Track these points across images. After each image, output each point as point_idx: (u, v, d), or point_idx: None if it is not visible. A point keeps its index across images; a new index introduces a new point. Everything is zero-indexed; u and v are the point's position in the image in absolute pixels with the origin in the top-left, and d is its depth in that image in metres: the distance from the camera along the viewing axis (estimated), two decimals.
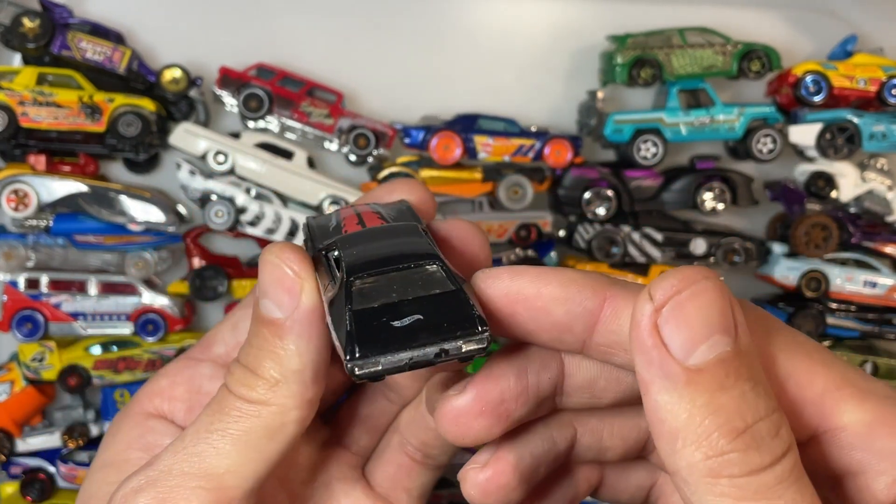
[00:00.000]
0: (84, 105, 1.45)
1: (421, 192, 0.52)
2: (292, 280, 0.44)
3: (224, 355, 0.54)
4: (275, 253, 0.45)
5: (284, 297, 0.44)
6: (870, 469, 0.37)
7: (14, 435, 1.51)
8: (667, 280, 0.38)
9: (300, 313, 0.44)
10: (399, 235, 0.45)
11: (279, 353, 0.44)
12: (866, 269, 1.63)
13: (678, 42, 1.58)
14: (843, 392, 0.37)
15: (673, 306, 0.37)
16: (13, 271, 1.49)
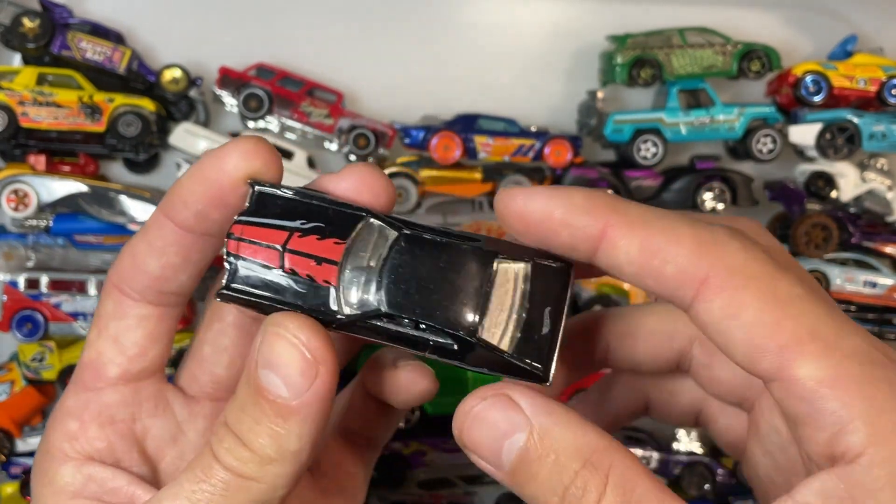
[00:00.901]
0: (84, 105, 1.45)
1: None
2: (308, 364, 0.41)
3: (122, 375, 0.49)
4: (291, 330, 0.41)
5: (297, 378, 0.41)
6: (812, 423, 0.38)
7: (14, 435, 1.51)
8: (455, 420, 0.44)
9: (311, 398, 0.41)
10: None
11: (278, 431, 0.41)
12: (866, 269, 1.63)
13: (678, 42, 1.58)
14: (804, 347, 0.38)
15: (468, 440, 0.43)
16: (13, 271, 1.49)
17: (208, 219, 0.46)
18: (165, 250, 0.47)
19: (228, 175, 0.44)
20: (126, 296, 0.48)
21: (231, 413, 0.43)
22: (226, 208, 0.45)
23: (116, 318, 0.48)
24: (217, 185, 0.44)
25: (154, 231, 0.47)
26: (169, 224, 0.46)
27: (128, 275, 0.48)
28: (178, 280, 0.48)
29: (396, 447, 1.61)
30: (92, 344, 0.49)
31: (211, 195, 0.45)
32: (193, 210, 0.45)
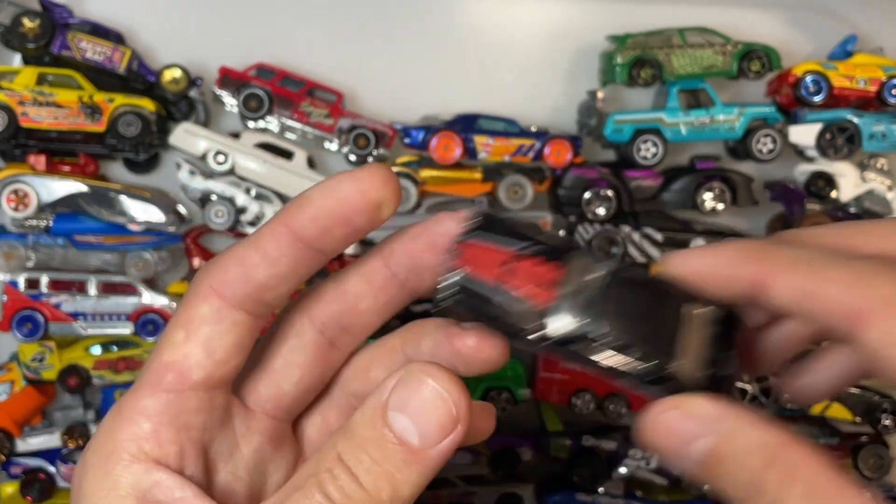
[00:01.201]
0: (84, 105, 1.45)
1: (376, 179, 0.46)
2: (450, 419, 0.41)
3: (204, 381, 0.48)
4: (442, 382, 0.41)
5: (434, 430, 0.41)
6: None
7: (14, 435, 1.51)
8: (641, 423, 0.45)
9: (439, 453, 0.41)
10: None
11: (397, 476, 0.41)
12: None
13: (678, 42, 1.58)
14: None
15: (653, 439, 0.45)
16: (13, 271, 1.49)
17: (330, 235, 0.46)
18: (279, 260, 0.47)
19: (364, 195, 0.45)
20: (225, 301, 0.47)
21: (348, 449, 0.42)
22: (349, 228, 0.46)
23: (212, 322, 0.47)
24: (350, 203, 0.45)
25: (270, 241, 0.47)
26: (288, 235, 0.47)
27: (232, 281, 0.47)
28: (279, 291, 0.48)
29: None
30: (178, 346, 0.47)
31: (341, 212, 0.46)
32: (320, 224, 0.46)
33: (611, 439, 1.64)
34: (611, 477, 1.64)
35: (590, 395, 1.62)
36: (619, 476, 1.64)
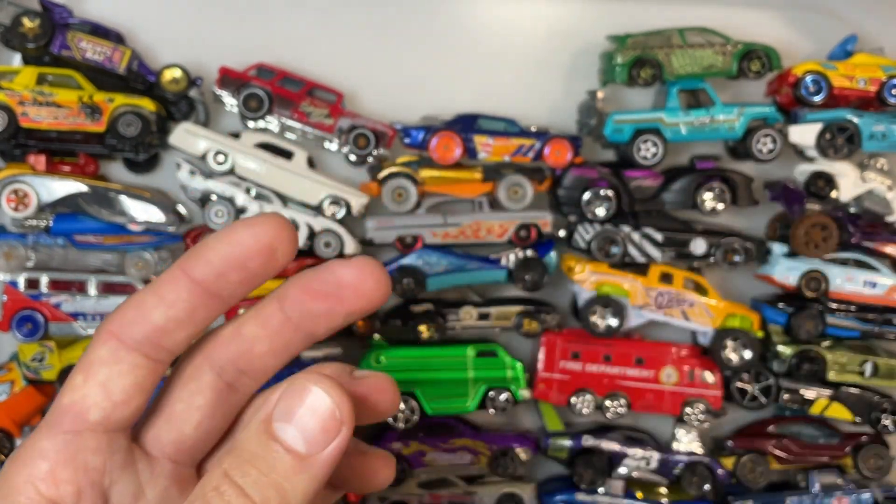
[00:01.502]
0: (84, 105, 1.45)
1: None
2: (334, 422, 0.41)
3: (102, 422, 0.48)
4: (324, 386, 0.42)
5: (318, 434, 0.41)
6: None
7: (14, 435, 1.51)
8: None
9: (326, 457, 0.41)
10: None
11: (285, 486, 0.41)
12: (866, 269, 1.63)
13: (678, 42, 1.58)
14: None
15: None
16: (13, 271, 1.49)
17: (226, 280, 0.47)
18: (175, 304, 0.48)
19: (258, 240, 0.46)
20: (122, 343, 0.48)
21: (234, 465, 0.42)
22: (244, 272, 0.47)
23: (109, 363, 0.48)
24: (244, 248, 0.46)
25: (168, 284, 0.48)
26: (185, 279, 0.48)
27: (129, 323, 0.48)
28: (177, 336, 0.49)
29: (396, 447, 1.61)
30: (77, 388, 0.48)
31: (235, 256, 0.47)
32: (215, 268, 0.47)
33: (611, 439, 1.64)
34: (611, 477, 1.64)
35: (590, 395, 1.62)
36: (619, 476, 1.64)
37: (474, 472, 1.64)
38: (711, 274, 1.67)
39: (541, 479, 1.69)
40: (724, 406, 1.64)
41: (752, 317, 1.63)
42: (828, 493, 1.65)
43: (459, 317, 1.60)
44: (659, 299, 1.61)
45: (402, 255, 1.59)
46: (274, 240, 0.47)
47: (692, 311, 1.62)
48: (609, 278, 1.60)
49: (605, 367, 1.62)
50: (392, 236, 1.58)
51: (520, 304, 1.62)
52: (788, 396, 1.65)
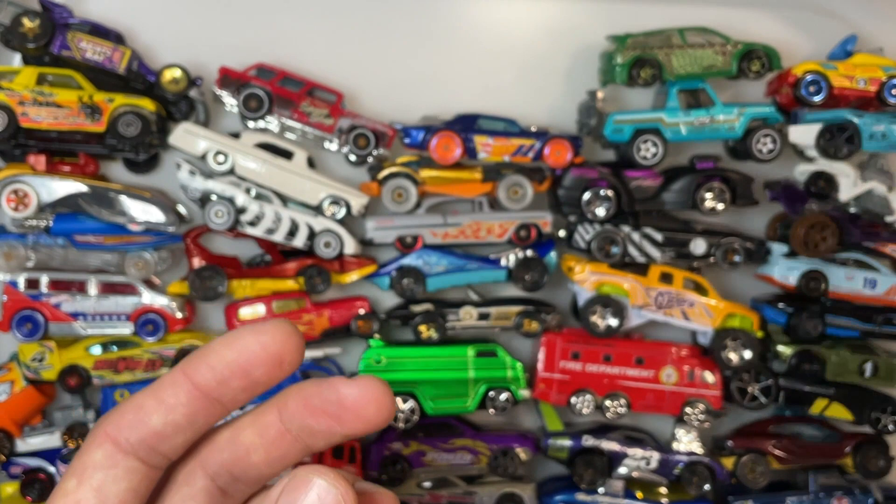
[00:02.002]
0: (84, 105, 1.45)
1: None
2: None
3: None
4: (329, 480, 0.42)
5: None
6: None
7: (14, 435, 1.51)
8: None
9: None
10: None
11: None
12: (866, 269, 1.63)
13: (678, 42, 1.58)
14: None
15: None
16: (13, 271, 1.49)
17: (228, 386, 0.46)
18: (175, 408, 0.47)
19: (265, 349, 0.46)
20: (118, 447, 0.47)
21: None
22: (248, 380, 0.46)
23: (105, 468, 0.47)
24: (250, 356, 0.46)
25: (169, 388, 0.47)
26: (187, 384, 0.47)
27: (127, 426, 0.47)
28: (175, 442, 0.48)
29: (396, 447, 1.61)
30: (69, 493, 0.47)
31: (240, 364, 0.46)
32: (218, 375, 0.46)
33: (611, 439, 1.64)
34: (611, 477, 1.64)
35: (590, 395, 1.62)
36: (619, 476, 1.64)
37: (474, 472, 1.64)
38: (711, 274, 1.67)
39: (541, 479, 1.69)
40: (724, 406, 1.64)
41: (752, 317, 1.63)
42: (828, 493, 1.65)
43: (459, 317, 1.60)
44: (659, 299, 1.61)
45: (402, 255, 1.59)
46: (281, 349, 0.46)
47: (692, 311, 1.62)
48: (609, 278, 1.60)
49: (605, 367, 1.62)
50: (392, 236, 1.58)
51: (520, 304, 1.62)
52: (788, 396, 1.65)
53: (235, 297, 1.58)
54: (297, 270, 1.59)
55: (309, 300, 1.59)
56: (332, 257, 1.56)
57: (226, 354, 0.46)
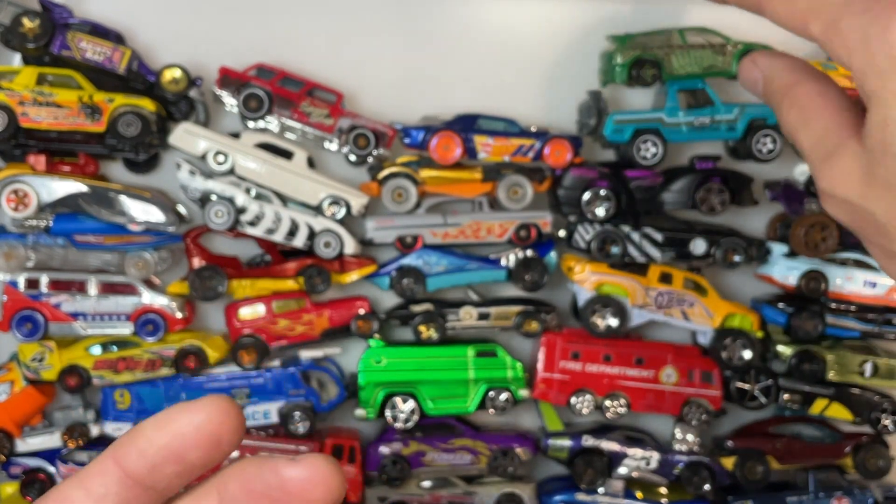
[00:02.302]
0: (84, 105, 1.45)
1: (214, 411, 0.42)
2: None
3: None
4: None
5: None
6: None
7: (14, 435, 1.51)
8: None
9: None
10: None
11: None
12: (866, 269, 1.63)
13: (678, 42, 1.58)
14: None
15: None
16: (13, 271, 1.49)
17: (161, 472, 0.42)
18: (104, 499, 0.43)
19: (198, 430, 0.42)
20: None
21: None
22: (182, 465, 0.42)
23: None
24: (184, 438, 0.42)
25: (97, 477, 0.43)
26: (117, 471, 0.43)
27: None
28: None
29: (396, 447, 1.61)
30: None
31: (173, 448, 0.42)
32: (149, 460, 0.42)
33: (611, 439, 1.64)
34: (611, 477, 1.64)
35: (590, 395, 1.62)
36: (619, 476, 1.64)
37: (474, 472, 1.64)
38: (711, 274, 1.67)
39: (541, 479, 1.69)
40: (724, 406, 1.64)
41: (752, 317, 1.63)
42: (828, 493, 1.65)
43: (459, 317, 1.60)
44: (659, 299, 1.61)
45: (402, 255, 1.59)
46: (218, 429, 0.42)
47: (692, 311, 1.62)
48: (609, 278, 1.60)
49: (605, 367, 1.62)
50: (392, 236, 1.58)
51: (520, 304, 1.62)
52: (788, 396, 1.65)
53: (235, 297, 1.58)
54: (297, 270, 1.59)
55: (309, 300, 1.59)
56: (332, 257, 1.56)
57: (157, 438, 0.42)
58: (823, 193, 0.50)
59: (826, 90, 0.54)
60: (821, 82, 0.54)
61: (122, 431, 1.56)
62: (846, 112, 0.52)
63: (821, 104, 0.54)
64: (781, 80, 0.55)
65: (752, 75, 0.57)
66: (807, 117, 0.54)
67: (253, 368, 1.58)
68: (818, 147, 0.52)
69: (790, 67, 0.56)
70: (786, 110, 0.55)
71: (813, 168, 0.52)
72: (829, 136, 0.52)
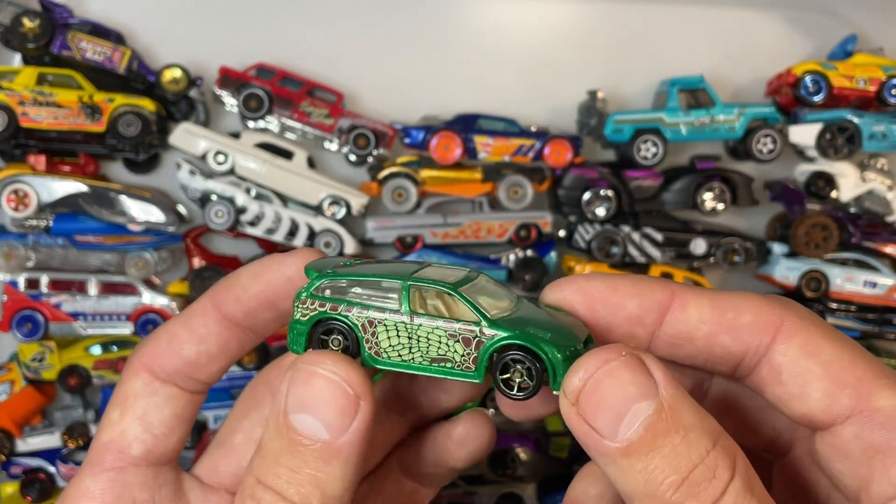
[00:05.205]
0: (84, 105, 1.45)
1: (302, 266, 0.47)
2: (349, 400, 0.39)
3: (146, 455, 0.47)
4: (328, 367, 0.40)
5: (336, 417, 0.39)
6: (892, 452, 0.40)
7: (14, 435, 1.51)
8: (575, 374, 0.40)
9: (353, 437, 0.40)
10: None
11: (320, 476, 0.39)
12: (866, 269, 1.63)
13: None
14: (880, 381, 0.41)
15: (587, 396, 0.40)
16: (13, 271, 1.49)
17: (257, 317, 0.46)
18: (206, 338, 0.47)
19: (290, 282, 0.45)
20: (155, 376, 0.47)
21: (263, 468, 0.40)
22: (276, 311, 0.46)
23: (145, 396, 0.47)
24: (276, 289, 0.45)
25: (198, 318, 0.47)
26: (216, 314, 0.47)
27: (162, 356, 0.47)
28: (210, 369, 0.48)
29: None
30: (114, 424, 0.47)
31: (266, 296, 0.45)
32: (245, 306, 0.46)
33: None
34: None
35: None
36: None
37: (474, 472, 1.64)
38: (711, 274, 1.67)
39: (541, 479, 1.69)
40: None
41: None
42: None
43: None
44: None
45: (402, 255, 1.59)
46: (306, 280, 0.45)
47: None
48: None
49: None
50: (392, 236, 1.57)
51: None
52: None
53: None
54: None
55: None
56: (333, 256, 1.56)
57: (251, 287, 0.46)
58: None
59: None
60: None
61: None
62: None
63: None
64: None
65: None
66: None
67: (253, 368, 1.57)
68: None
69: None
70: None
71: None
72: None
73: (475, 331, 0.42)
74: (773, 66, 1.63)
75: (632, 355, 0.40)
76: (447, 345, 0.42)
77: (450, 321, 0.42)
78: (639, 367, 0.39)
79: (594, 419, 0.40)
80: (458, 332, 0.42)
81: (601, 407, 0.39)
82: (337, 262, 0.47)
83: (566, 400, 0.40)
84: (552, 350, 0.41)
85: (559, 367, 0.41)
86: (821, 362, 0.41)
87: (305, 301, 0.44)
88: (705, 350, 0.43)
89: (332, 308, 0.44)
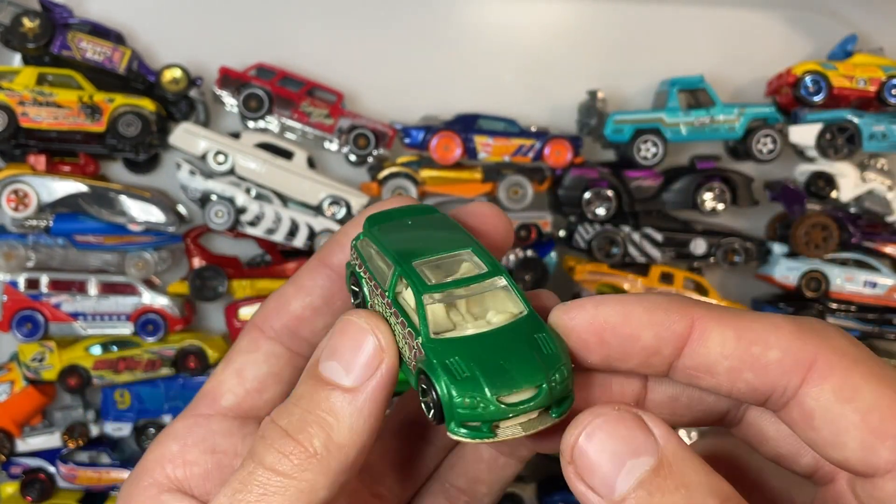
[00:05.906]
0: (84, 105, 1.45)
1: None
2: (375, 351, 0.40)
3: (234, 407, 0.49)
4: (364, 318, 0.41)
5: (360, 366, 0.40)
6: None
7: (14, 435, 1.51)
8: (570, 430, 0.38)
9: (373, 388, 0.40)
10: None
11: (329, 421, 0.39)
12: (866, 269, 1.63)
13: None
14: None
15: (580, 454, 0.38)
16: (13, 271, 1.49)
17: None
18: (312, 291, 0.49)
19: None
20: (262, 333, 0.49)
21: (280, 409, 0.41)
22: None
23: (246, 352, 0.49)
24: None
25: (306, 274, 0.49)
26: (323, 268, 0.49)
27: (270, 314, 0.49)
28: (314, 325, 0.49)
29: None
30: (216, 375, 0.49)
31: None
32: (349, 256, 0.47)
33: None
34: None
35: None
36: None
37: None
38: (711, 274, 1.67)
39: (541, 479, 1.69)
40: None
41: None
42: None
43: None
44: None
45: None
46: None
47: None
48: (609, 278, 1.60)
49: None
50: None
51: None
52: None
53: (235, 297, 1.57)
54: (296, 270, 1.58)
55: None
56: None
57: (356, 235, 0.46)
58: None
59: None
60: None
61: (122, 432, 1.56)
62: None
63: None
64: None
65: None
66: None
67: None
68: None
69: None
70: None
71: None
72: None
73: (415, 344, 0.41)
74: (773, 66, 1.63)
75: (628, 411, 0.38)
76: (407, 344, 0.42)
77: (408, 324, 0.41)
78: (635, 422, 0.38)
79: (590, 477, 0.37)
80: (406, 338, 0.41)
81: (593, 466, 0.37)
82: (397, 218, 0.46)
83: (563, 458, 0.39)
84: (448, 388, 0.38)
85: (447, 408, 0.39)
86: (858, 409, 0.37)
87: (352, 249, 0.46)
88: (728, 384, 0.40)
89: (359, 266, 0.45)
